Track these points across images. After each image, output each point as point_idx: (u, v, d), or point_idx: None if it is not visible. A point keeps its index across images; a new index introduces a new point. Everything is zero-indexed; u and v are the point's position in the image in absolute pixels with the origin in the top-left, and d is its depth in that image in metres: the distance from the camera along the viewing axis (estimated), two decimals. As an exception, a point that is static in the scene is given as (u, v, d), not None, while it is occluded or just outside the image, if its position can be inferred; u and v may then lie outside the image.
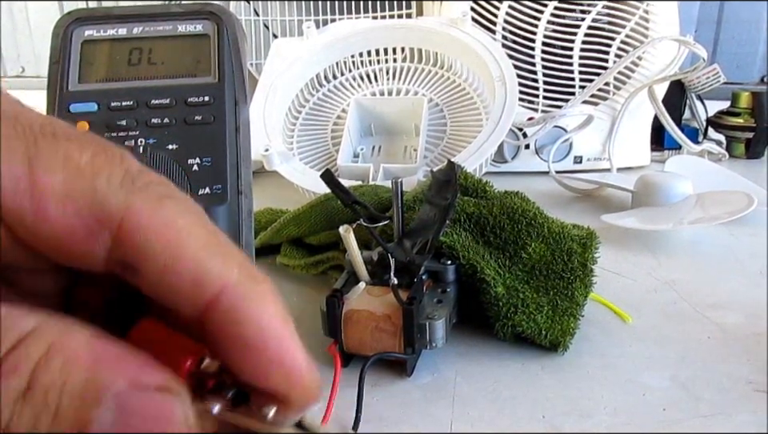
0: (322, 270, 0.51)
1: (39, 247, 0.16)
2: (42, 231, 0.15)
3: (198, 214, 0.16)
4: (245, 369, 0.16)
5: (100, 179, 0.15)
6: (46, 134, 0.15)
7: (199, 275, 0.15)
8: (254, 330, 0.16)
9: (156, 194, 0.16)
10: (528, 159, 0.84)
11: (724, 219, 0.58)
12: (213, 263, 0.15)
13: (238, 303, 0.15)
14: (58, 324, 0.15)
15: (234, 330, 0.15)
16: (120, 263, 0.15)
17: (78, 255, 0.16)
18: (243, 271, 0.16)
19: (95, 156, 0.15)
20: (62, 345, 0.14)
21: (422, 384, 0.38)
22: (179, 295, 0.15)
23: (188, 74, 0.40)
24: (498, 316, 0.41)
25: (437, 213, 0.42)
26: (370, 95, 0.83)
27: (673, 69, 0.86)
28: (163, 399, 0.15)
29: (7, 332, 0.14)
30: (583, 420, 0.35)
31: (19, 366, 0.14)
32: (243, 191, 0.38)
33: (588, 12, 0.84)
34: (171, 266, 0.15)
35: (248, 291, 0.16)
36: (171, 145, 0.38)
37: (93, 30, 0.40)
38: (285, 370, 0.16)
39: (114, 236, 0.15)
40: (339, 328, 0.39)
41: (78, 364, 0.14)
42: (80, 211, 0.15)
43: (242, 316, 0.15)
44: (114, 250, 0.15)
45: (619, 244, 0.59)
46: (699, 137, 0.96)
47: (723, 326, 0.44)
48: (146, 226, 0.15)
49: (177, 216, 0.15)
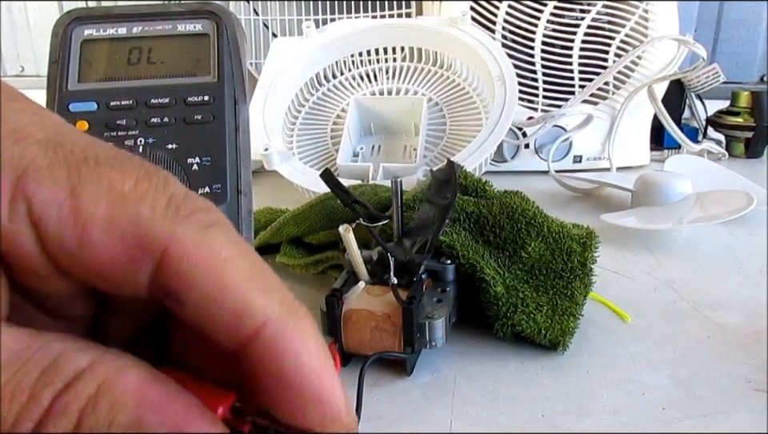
0: (321, 269, 0.51)
1: (80, 274, 0.15)
2: (84, 259, 0.15)
3: (242, 245, 0.16)
4: (282, 407, 0.16)
5: (144, 207, 0.15)
6: (88, 159, 0.15)
7: (242, 307, 0.15)
8: (294, 366, 0.15)
9: (201, 222, 0.15)
10: (527, 159, 0.84)
11: (723, 219, 0.58)
12: (256, 297, 0.15)
13: (278, 338, 0.15)
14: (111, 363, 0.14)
15: (273, 365, 0.15)
16: (163, 291, 0.15)
17: (121, 282, 0.15)
18: (286, 306, 0.16)
19: (139, 182, 0.15)
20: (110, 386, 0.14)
21: (422, 384, 0.38)
22: (221, 326, 0.15)
23: (187, 74, 0.40)
24: (498, 316, 0.41)
25: (436, 212, 0.42)
26: (370, 95, 0.82)
27: (672, 68, 0.86)
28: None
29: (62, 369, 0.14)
30: (582, 419, 0.35)
31: (69, 406, 0.14)
32: (243, 191, 0.38)
33: (587, 11, 0.84)
34: (214, 296, 0.15)
35: (289, 327, 0.15)
36: (171, 144, 0.38)
37: (92, 30, 0.40)
38: (323, 408, 0.16)
39: (158, 264, 0.15)
40: (339, 328, 0.39)
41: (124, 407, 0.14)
42: (124, 239, 0.15)
43: (282, 351, 0.15)
44: (157, 278, 0.15)
45: (619, 244, 0.59)
46: (699, 136, 0.96)
47: (723, 325, 0.44)
48: (190, 255, 0.15)
49: (222, 246, 0.15)
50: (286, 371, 0.15)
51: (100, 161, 0.15)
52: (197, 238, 0.15)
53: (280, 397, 0.16)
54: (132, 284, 0.15)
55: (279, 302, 0.16)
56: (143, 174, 0.15)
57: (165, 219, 0.15)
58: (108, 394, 0.14)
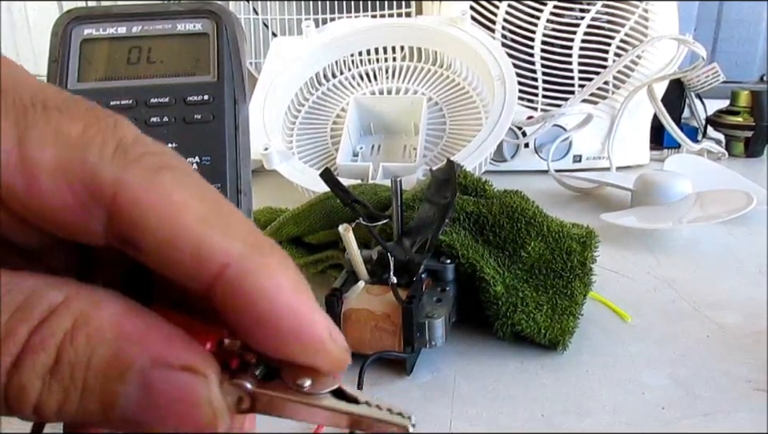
0: (321, 269, 0.51)
1: (36, 222, 0.15)
2: (35, 206, 0.15)
3: (197, 185, 0.15)
4: (263, 344, 0.15)
5: (91, 152, 0.14)
6: (36, 105, 0.15)
7: (200, 249, 0.14)
8: (264, 304, 0.15)
9: (152, 165, 0.15)
10: (527, 158, 0.84)
11: (723, 218, 0.58)
12: (214, 237, 0.15)
13: (243, 276, 0.15)
14: (86, 297, 0.14)
15: (242, 305, 0.15)
16: (119, 238, 0.15)
17: (75, 229, 0.15)
18: (248, 244, 0.15)
19: (87, 127, 0.15)
20: (87, 319, 0.14)
21: (422, 383, 0.38)
22: (181, 270, 0.15)
23: (187, 73, 0.40)
24: (498, 315, 0.41)
25: (436, 212, 0.42)
26: (370, 94, 0.82)
27: (672, 68, 0.86)
28: (187, 380, 0.14)
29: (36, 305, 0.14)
30: (582, 419, 0.35)
31: (46, 341, 0.14)
32: (243, 190, 0.38)
33: (587, 11, 0.84)
34: (169, 241, 0.14)
35: (254, 265, 0.15)
36: (170, 144, 0.38)
37: (92, 29, 0.40)
38: (304, 341, 0.15)
39: (109, 211, 0.15)
40: (338, 327, 0.39)
41: (102, 340, 0.14)
42: (72, 186, 0.14)
43: (249, 291, 0.15)
44: (111, 225, 0.15)
45: (618, 243, 0.59)
46: (698, 136, 0.96)
47: (722, 325, 0.44)
48: (140, 200, 0.14)
49: (173, 188, 0.15)
50: (257, 309, 0.15)
51: (48, 106, 0.15)
52: (146, 181, 0.14)
53: (257, 335, 0.15)
54: (87, 232, 0.15)
55: (242, 240, 0.15)
56: (92, 119, 0.15)
57: (112, 163, 0.14)
58: (85, 327, 0.14)
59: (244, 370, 0.16)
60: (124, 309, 0.15)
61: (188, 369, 0.14)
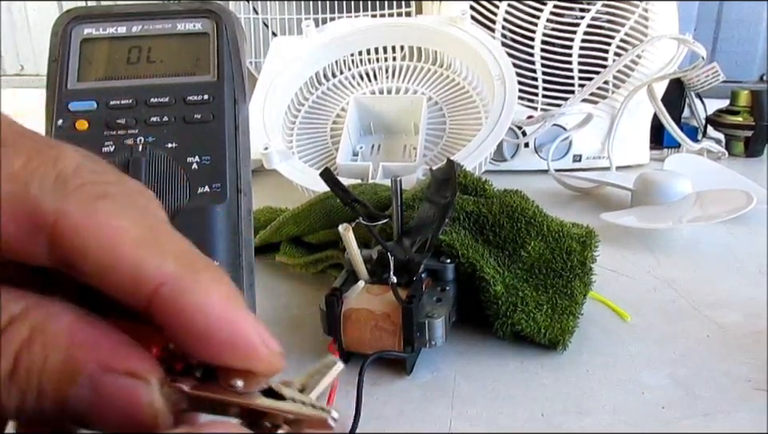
0: (321, 268, 0.51)
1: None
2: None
3: (135, 211, 0.17)
4: (201, 354, 0.17)
5: (33, 185, 0.16)
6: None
7: (136, 271, 0.16)
8: (199, 318, 0.16)
9: (90, 194, 0.16)
10: (527, 158, 0.84)
11: (723, 218, 0.58)
12: (149, 259, 0.16)
13: (177, 294, 0.16)
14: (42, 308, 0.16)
15: (179, 321, 0.16)
16: (61, 263, 0.16)
17: (23, 254, 0.16)
18: (182, 263, 0.16)
19: (29, 161, 0.16)
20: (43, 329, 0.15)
21: (422, 383, 0.38)
22: (121, 291, 0.16)
23: (187, 73, 0.40)
24: (498, 315, 0.41)
25: (436, 211, 0.42)
26: (370, 94, 0.82)
27: (672, 67, 0.86)
28: (131, 384, 0.16)
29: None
30: (582, 419, 0.35)
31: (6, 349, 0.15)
32: (242, 190, 0.38)
33: (587, 10, 0.84)
34: (107, 265, 0.16)
35: (187, 282, 0.16)
36: (170, 143, 0.38)
37: (92, 29, 0.40)
38: (239, 351, 0.17)
39: (50, 239, 0.16)
40: (338, 327, 0.39)
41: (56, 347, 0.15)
42: (16, 218, 0.16)
43: (184, 307, 0.16)
44: (53, 251, 0.16)
45: (618, 243, 0.59)
46: (698, 135, 0.96)
47: (722, 324, 0.44)
48: (79, 228, 0.16)
49: (110, 217, 0.16)
50: (192, 323, 0.16)
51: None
52: (85, 211, 0.16)
53: (195, 346, 0.16)
54: (34, 256, 0.16)
55: (174, 260, 0.16)
56: (34, 152, 0.16)
57: (53, 194, 0.16)
58: (41, 335, 0.15)
59: (187, 372, 0.17)
60: (77, 319, 0.16)
61: (132, 374, 0.16)
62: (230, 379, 0.17)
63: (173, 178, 0.37)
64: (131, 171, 0.36)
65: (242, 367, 0.17)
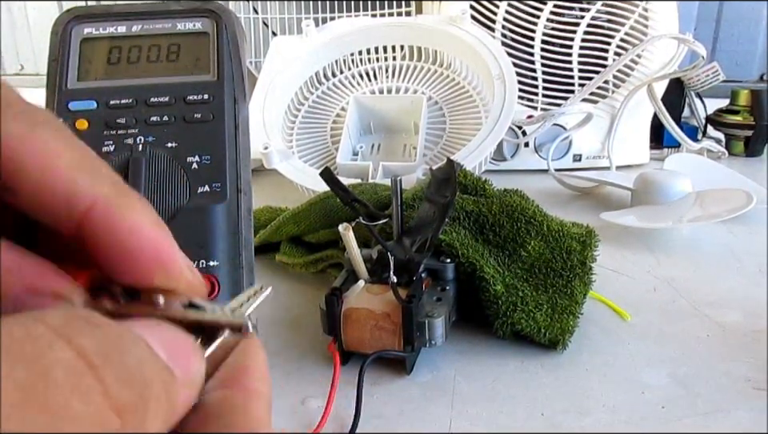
0: (321, 268, 0.51)
1: None
2: None
3: (69, 138, 0.17)
4: (128, 274, 0.17)
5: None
6: None
7: (71, 190, 0.16)
8: (128, 235, 0.17)
9: (30, 121, 0.17)
10: (527, 157, 0.84)
11: (723, 217, 0.58)
12: (83, 180, 0.17)
13: (110, 213, 0.17)
14: None
15: (109, 238, 0.17)
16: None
17: None
18: (116, 188, 0.17)
19: None
20: None
21: (422, 382, 0.38)
22: (55, 211, 0.17)
23: (187, 72, 0.40)
24: (498, 314, 0.41)
25: (436, 211, 0.42)
26: (370, 93, 0.82)
27: (672, 67, 0.86)
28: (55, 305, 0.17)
29: None
30: (582, 418, 0.35)
31: None
32: (242, 189, 0.38)
33: (587, 10, 0.84)
34: (45, 184, 0.16)
35: (119, 202, 0.17)
36: (170, 143, 0.38)
37: (92, 28, 0.40)
38: (165, 268, 0.17)
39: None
40: (338, 326, 0.39)
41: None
42: None
43: (115, 224, 0.17)
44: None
45: (618, 242, 0.59)
46: (698, 135, 0.96)
47: (722, 324, 0.44)
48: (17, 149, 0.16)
49: (48, 140, 0.17)
50: (122, 241, 0.17)
51: None
52: (24, 134, 0.16)
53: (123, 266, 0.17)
54: None
55: (109, 184, 0.17)
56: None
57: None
58: None
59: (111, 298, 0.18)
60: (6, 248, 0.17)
61: (56, 295, 0.17)
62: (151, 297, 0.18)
63: (173, 178, 0.37)
64: (131, 171, 0.36)
65: (167, 287, 0.18)
